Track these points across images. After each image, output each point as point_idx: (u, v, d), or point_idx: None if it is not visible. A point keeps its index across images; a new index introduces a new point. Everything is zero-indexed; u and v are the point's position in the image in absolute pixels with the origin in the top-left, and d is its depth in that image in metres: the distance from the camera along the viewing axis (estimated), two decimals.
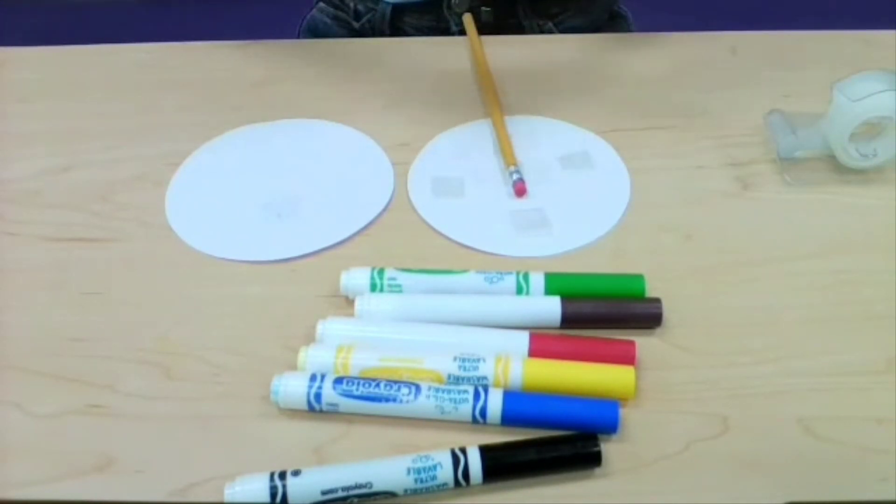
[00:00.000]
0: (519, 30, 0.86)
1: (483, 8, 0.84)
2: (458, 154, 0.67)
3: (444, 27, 0.86)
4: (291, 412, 0.50)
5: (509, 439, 0.48)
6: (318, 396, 0.49)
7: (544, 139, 0.68)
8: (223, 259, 0.59)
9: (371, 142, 0.68)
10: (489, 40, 0.77)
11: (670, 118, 0.69)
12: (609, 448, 0.48)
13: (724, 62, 0.75)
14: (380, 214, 0.62)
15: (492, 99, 0.70)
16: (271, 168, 0.66)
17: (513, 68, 0.74)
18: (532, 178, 0.64)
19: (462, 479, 0.46)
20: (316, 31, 0.94)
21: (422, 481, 0.46)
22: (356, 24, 0.90)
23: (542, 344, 0.52)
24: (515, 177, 0.63)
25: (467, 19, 0.79)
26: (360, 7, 0.89)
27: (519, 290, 0.55)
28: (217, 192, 0.64)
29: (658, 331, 0.54)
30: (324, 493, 0.46)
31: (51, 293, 0.58)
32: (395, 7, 0.88)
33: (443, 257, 0.59)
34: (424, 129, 0.69)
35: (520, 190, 0.63)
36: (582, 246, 0.60)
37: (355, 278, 0.56)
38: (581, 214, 0.62)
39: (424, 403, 0.49)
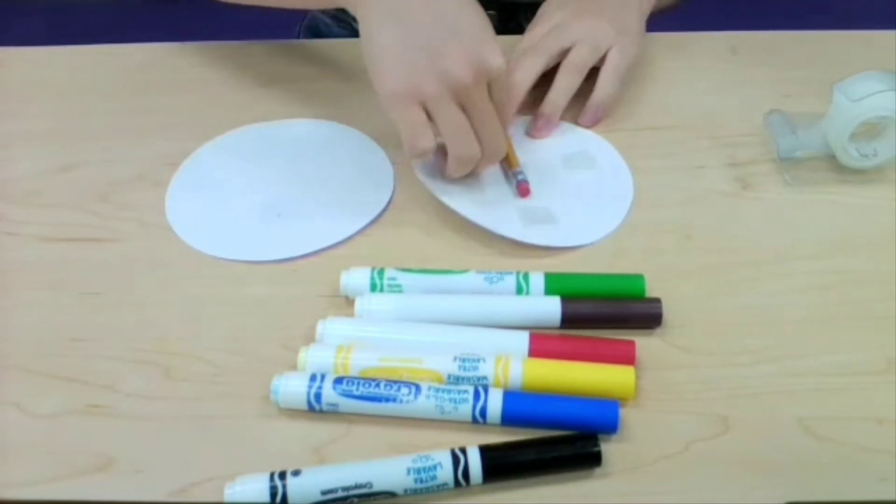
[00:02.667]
0: (519, 33, 0.86)
1: (488, 12, 0.84)
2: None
3: None
4: (291, 412, 0.50)
5: (509, 439, 0.48)
6: (318, 396, 0.49)
7: (546, 139, 0.68)
8: (223, 259, 0.59)
9: (371, 142, 0.68)
10: None
11: (670, 118, 0.69)
12: (609, 448, 0.48)
13: (724, 62, 0.75)
14: (380, 214, 0.62)
15: None
16: (271, 168, 0.66)
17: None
18: (535, 179, 0.64)
19: (462, 479, 0.46)
20: (317, 32, 0.94)
21: (422, 481, 0.46)
22: (357, 26, 0.90)
23: (542, 344, 0.52)
24: (520, 177, 0.63)
25: None
26: None
27: (519, 290, 0.55)
28: (217, 192, 0.64)
29: (658, 331, 0.54)
30: (324, 493, 0.46)
31: (51, 293, 0.58)
32: None
33: (443, 257, 0.59)
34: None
35: (524, 191, 0.63)
36: (589, 244, 0.60)
37: (355, 278, 0.56)
38: (586, 213, 0.62)
39: (424, 403, 0.49)
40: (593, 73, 0.68)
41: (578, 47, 0.66)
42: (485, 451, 0.47)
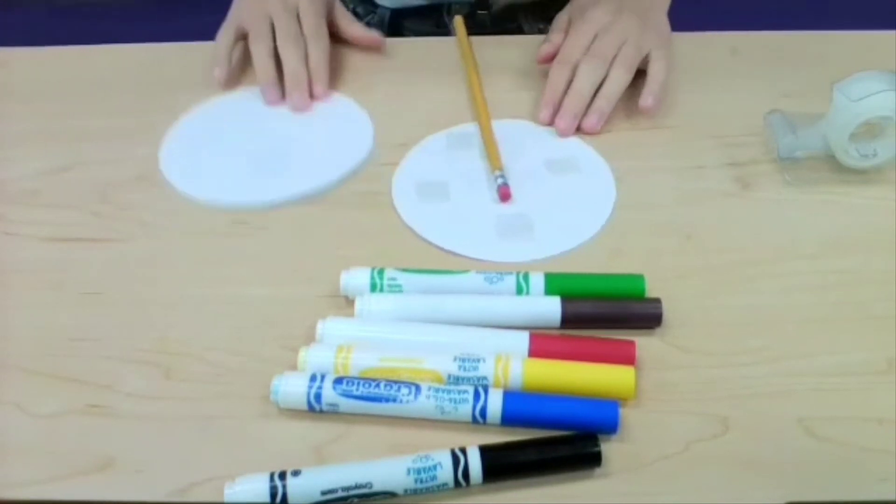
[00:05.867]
0: (519, 33, 0.86)
1: (478, 11, 0.84)
2: (446, 157, 0.67)
3: (443, 32, 0.86)
4: (291, 412, 0.50)
5: (509, 439, 0.48)
6: (318, 396, 0.49)
7: (531, 143, 0.67)
8: (214, 205, 0.62)
9: (352, 103, 0.71)
10: (488, 41, 0.77)
11: (670, 118, 0.69)
12: (609, 448, 0.48)
13: (724, 62, 0.75)
14: (360, 165, 0.65)
15: (479, 102, 0.70)
16: (261, 126, 0.69)
17: (512, 69, 0.74)
18: (517, 183, 0.63)
19: (462, 479, 0.46)
20: None
21: (422, 481, 0.46)
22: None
23: (542, 344, 0.52)
24: (500, 181, 0.63)
25: (458, 22, 0.78)
26: (360, 9, 0.89)
27: (519, 290, 0.55)
28: (209, 146, 0.68)
29: (658, 331, 0.54)
30: (324, 493, 0.46)
31: (51, 293, 0.58)
32: (395, 11, 0.88)
33: (443, 257, 0.59)
34: (420, 130, 0.69)
35: (504, 194, 0.63)
36: (565, 251, 0.59)
37: (355, 278, 0.56)
38: (565, 219, 0.61)
39: (424, 403, 0.49)
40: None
41: (626, 47, 0.68)
42: (485, 451, 0.47)
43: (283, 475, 0.46)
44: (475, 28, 0.78)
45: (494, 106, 0.70)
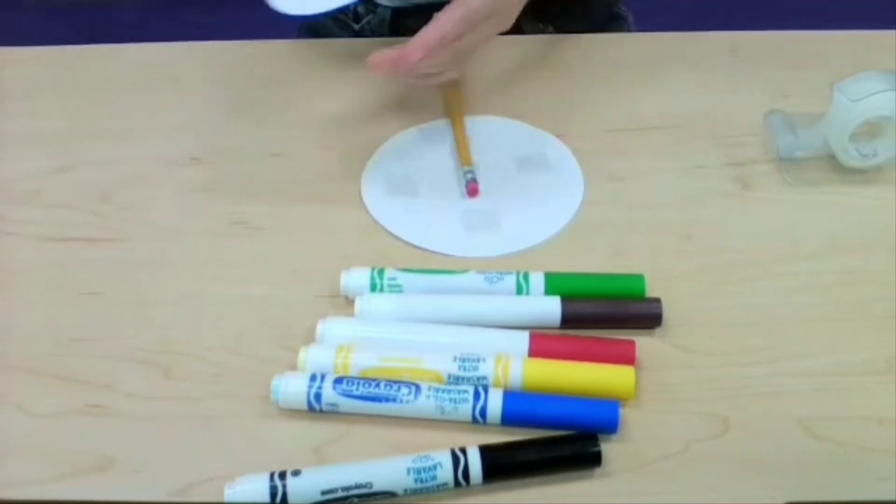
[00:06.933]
0: (518, 32, 0.86)
1: None
2: (417, 152, 0.67)
3: None
4: (291, 412, 0.50)
5: (509, 439, 0.48)
6: (318, 396, 0.49)
7: (504, 140, 0.67)
8: None
9: None
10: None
11: (671, 118, 0.69)
12: (609, 448, 0.48)
13: (724, 62, 0.75)
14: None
15: (452, 98, 0.70)
16: None
17: (499, 68, 0.74)
18: (486, 179, 0.63)
19: (462, 479, 0.46)
20: (316, 32, 0.94)
21: (422, 481, 0.46)
22: (356, 26, 0.90)
23: (542, 344, 0.52)
24: (469, 177, 0.63)
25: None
26: (360, 9, 0.89)
27: (519, 290, 0.55)
28: None
29: (658, 331, 0.54)
30: (324, 493, 0.46)
31: (51, 293, 0.58)
32: (396, 10, 0.88)
33: (443, 258, 0.59)
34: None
35: (472, 190, 0.63)
36: (530, 247, 0.60)
37: (355, 278, 0.56)
38: (531, 216, 0.62)
39: (424, 403, 0.49)
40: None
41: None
42: (485, 451, 0.47)
43: (283, 475, 0.46)
44: None
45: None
